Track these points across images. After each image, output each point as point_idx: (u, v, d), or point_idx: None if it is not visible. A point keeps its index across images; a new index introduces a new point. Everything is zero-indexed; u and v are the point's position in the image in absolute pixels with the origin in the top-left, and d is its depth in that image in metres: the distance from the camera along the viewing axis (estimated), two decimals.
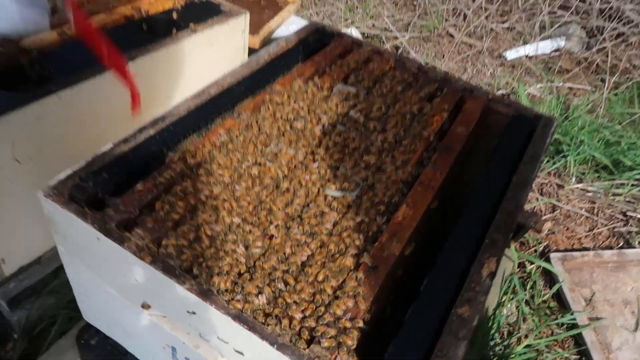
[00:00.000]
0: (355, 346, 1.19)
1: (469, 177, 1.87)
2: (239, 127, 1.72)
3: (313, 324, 1.20)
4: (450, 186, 1.76)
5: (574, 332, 2.75)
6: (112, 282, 1.48)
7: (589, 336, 2.72)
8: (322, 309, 1.22)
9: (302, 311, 1.21)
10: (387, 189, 1.59)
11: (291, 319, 1.20)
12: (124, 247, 1.28)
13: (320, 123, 1.80)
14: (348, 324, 1.20)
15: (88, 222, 1.33)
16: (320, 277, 1.29)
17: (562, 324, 2.83)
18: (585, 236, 3.36)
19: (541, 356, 2.64)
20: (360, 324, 1.21)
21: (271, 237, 1.39)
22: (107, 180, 1.44)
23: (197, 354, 1.39)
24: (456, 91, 2.11)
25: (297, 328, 1.18)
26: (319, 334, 1.17)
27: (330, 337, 1.17)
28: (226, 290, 1.23)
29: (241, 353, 1.25)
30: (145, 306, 1.40)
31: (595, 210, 3.53)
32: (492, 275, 1.39)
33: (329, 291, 1.27)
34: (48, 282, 2.13)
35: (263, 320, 1.19)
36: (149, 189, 1.45)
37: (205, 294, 1.21)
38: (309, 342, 1.17)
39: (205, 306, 1.20)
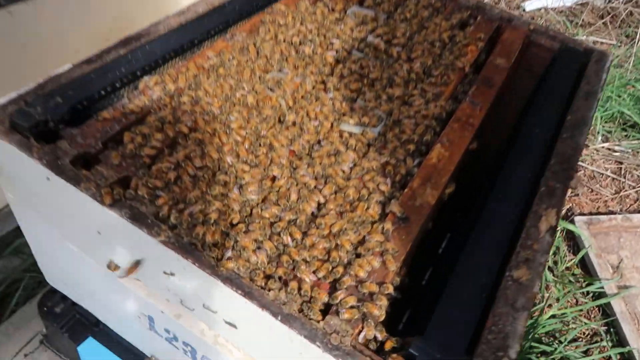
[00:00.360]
0: (383, 317, 0.90)
1: (511, 116, 1.56)
2: (232, 50, 1.39)
3: (328, 290, 0.91)
4: (491, 125, 1.45)
5: (602, 301, 2.50)
6: (70, 235, 1.18)
7: (617, 306, 2.47)
8: (340, 269, 0.93)
9: (314, 272, 0.92)
10: (417, 124, 1.27)
11: (300, 282, 0.91)
12: (80, 189, 0.98)
13: (333, 48, 1.47)
14: (374, 289, 0.91)
15: (34, 157, 1.02)
16: (335, 229, 1.00)
17: (588, 293, 2.58)
18: (612, 199, 3.09)
19: (566, 327, 2.41)
20: (390, 290, 0.92)
21: (273, 178, 1.09)
22: (62, 106, 1.12)
23: (179, 325, 1.11)
24: (492, 20, 1.77)
25: (309, 294, 0.89)
26: (337, 301, 0.88)
27: (351, 307, 0.88)
28: (214, 245, 0.93)
29: (234, 325, 0.96)
30: (112, 266, 1.11)
31: (623, 172, 3.24)
32: (553, 230, 1.09)
33: (348, 247, 0.97)
34: (10, 240, 1.83)
35: (263, 284, 0.90)
36: (117, 118, 1.13)
37: (186, 249, 0.92)
38: (324, 313, 0.88)
39: (187, 265, 0.91)
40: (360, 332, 0.88)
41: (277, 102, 1.25)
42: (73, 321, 1.51)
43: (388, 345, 0.88)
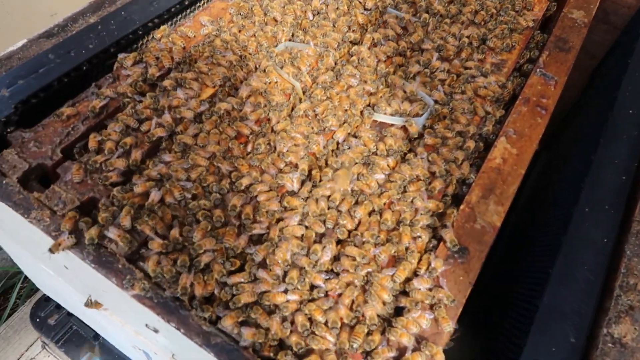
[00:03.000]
0: None
1: (579, 79, 1.23)
2: (232, 14, 1.09)
3: None
4: (568, 103, 1.13)
5: None
6: (43, 259, 0.97)
7: None
8: (376, 338, 0.68)
9: (335, 344, 0.67)
10: (474, 110, 0.97)
11: (322, 354, 0.67)
12: (30, 220, 0.74)
13: (362, 5, 1.14)
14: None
15: None
16: (367, 276, 0.74)
17: None
18: None
19: None
20: None
21: (291, 193, 0.82)
22: (9, 101, 0.86)
23: None
24: None
25: None
26: None
27: None
28: (207, 300, 0.69)
29: None
30: (92, 304, 0.89)
31: None
32: None
33: (386, 297, 0.72)
34: None
35: (272, 355, 0.67)
36: (83, 114, 0.87)
37: (169, 307, 0.68)
38: None
39: (170, 328, 0.68)
40: None
41: (287, 85, 0.96)
42: (70, 334, 1.33)
43: None
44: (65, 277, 0.93)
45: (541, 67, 1.07)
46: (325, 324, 0.67)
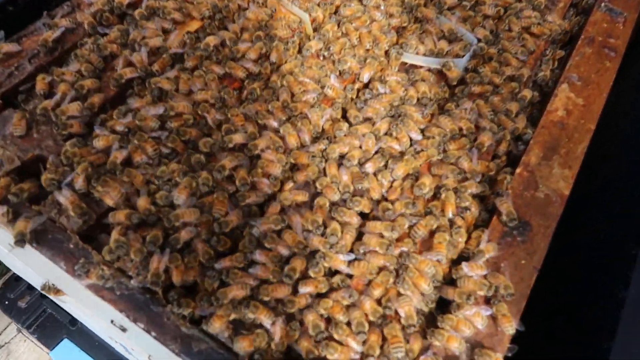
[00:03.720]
0: None
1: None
2: None
3: None
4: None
5: None
6: None
7: None
8: (417, 344, 0.50)
9: (360, 353, 0.49)
10: (525, 51, 0.77)
11: None
12: None
13: None
14: None
15: None
16: (400, 257, 0.56)
17: None
18: None
19: None
20: None
21: (283, 152, 0.63)
22: None
23: None
24: None
25: None
26: None
27: None
28: (187, 290, 0.51)
29: None
30: (50, 290, 0.71)
31: None
32: None
33: (425, 287, 0.54)
34: None
35: None
36: (30, 51, 0.68)
37: (136, 301, 0.50)
38: None
39: (137, 330, 0.50)
40: None
41: (294, 18, 0.76)
42: (43, 318, 1.17)
43: None
44: (18, 255, 0.75)
45: (605, 0, 0.87)
46: (348, 324, 0.50)
